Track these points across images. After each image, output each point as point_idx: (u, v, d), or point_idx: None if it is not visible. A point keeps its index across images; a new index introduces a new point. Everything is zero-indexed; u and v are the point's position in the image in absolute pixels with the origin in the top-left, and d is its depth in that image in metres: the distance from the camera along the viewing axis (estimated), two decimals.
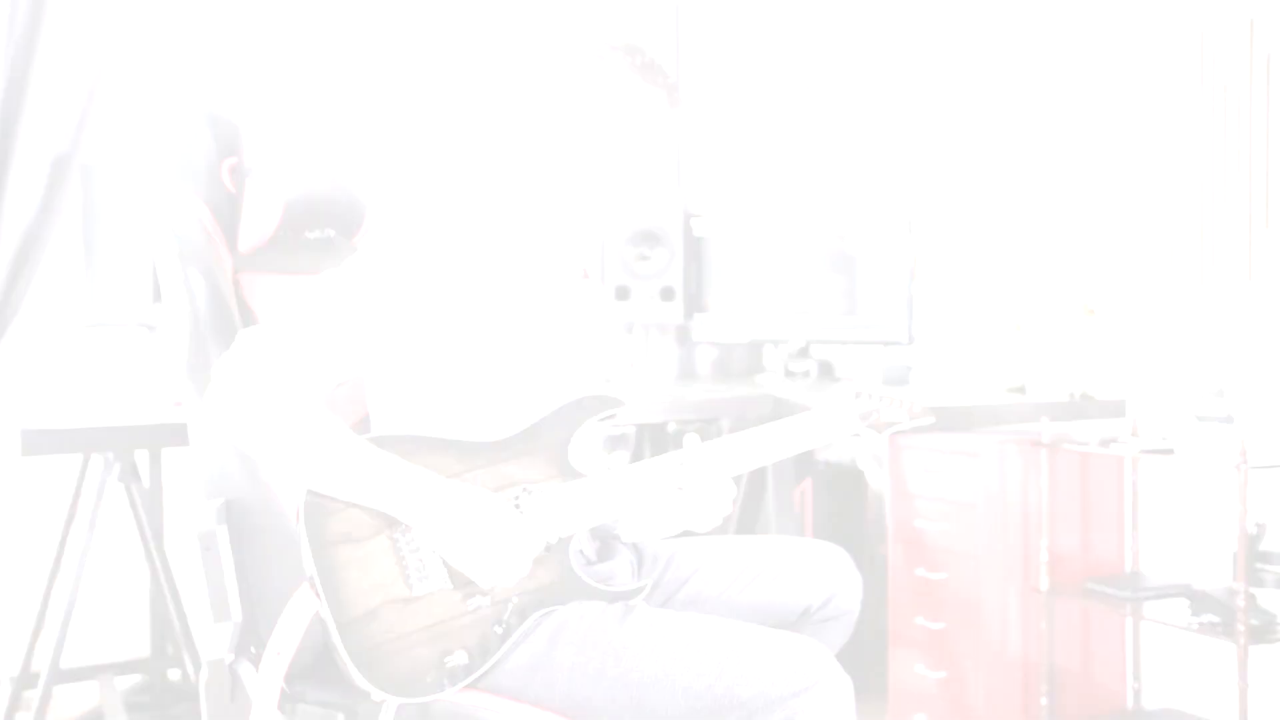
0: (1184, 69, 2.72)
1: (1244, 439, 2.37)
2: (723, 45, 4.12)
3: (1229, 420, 2.69)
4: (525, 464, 1.63)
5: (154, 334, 2.91)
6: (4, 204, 3.02)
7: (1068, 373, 2.89)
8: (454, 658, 1.51)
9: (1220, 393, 2.70)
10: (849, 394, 1.82)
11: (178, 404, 2.49)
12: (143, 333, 3.01)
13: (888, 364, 3.44)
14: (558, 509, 1.60)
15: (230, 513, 1.70)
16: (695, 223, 3.64)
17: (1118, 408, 2.90)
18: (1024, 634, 2.77)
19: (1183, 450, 2.51)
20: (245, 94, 3.33)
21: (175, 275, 1.73)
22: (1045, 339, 2.98)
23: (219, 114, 1.86)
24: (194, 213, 1.78)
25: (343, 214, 1.97)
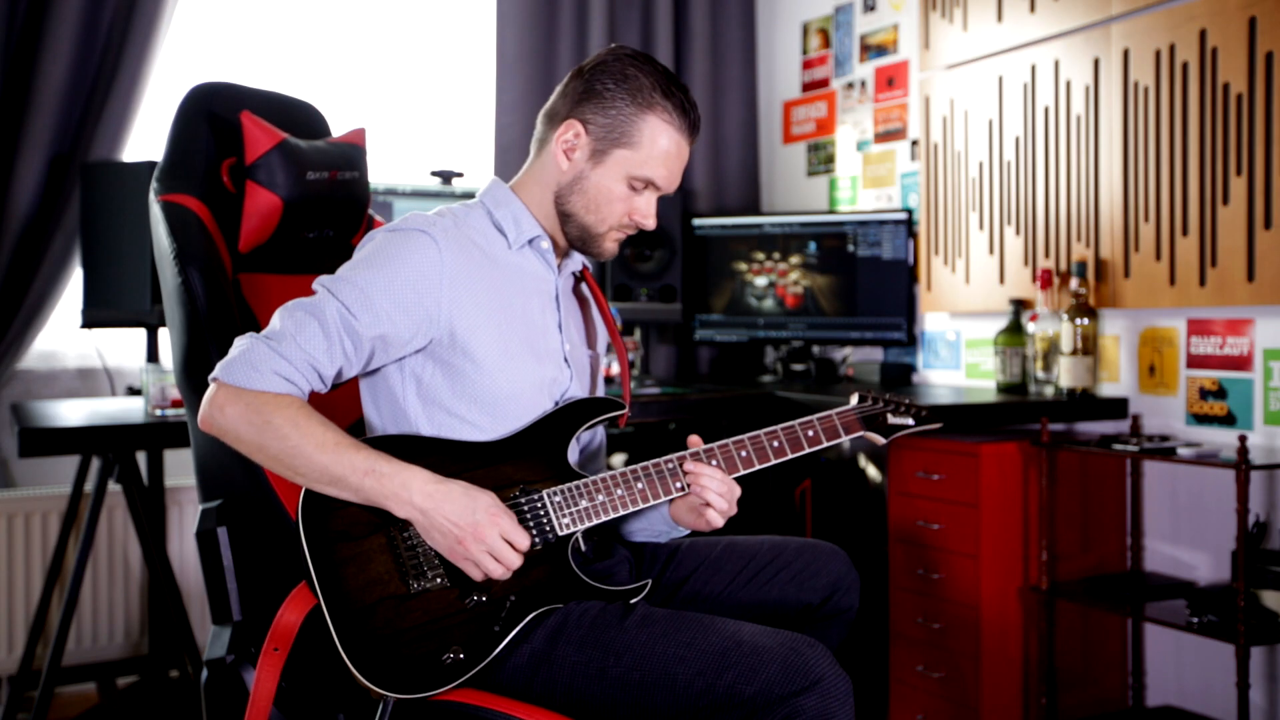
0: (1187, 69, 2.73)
1: (1244, 439, 2.37)
2: None
3: (1229, 420, 2.69)
4: (523, 464, 1.63)
5: (153, 334, 2.91)
6: (4, 204, 3.02)
7: (1068, 373, 2.89)
8: (452, 655, 1.52)
9: (1220, 392, 2.70)
10: (854, 398, 1.80)
11: (178, 404, 2.51)
12: (142, 333, 3.01)
13: (888, 364, 3.45)
14: (557, 509, 1.60)
15: (230, 513, 1.71)
16: (695, 223, 3.64)
17: (1118, 408, 2.90)
18: (1024, 634, 2.77)
19: (1183, 450, 2.51)
20: (245, 93, 3.33)
21: (175, 275, 1.73)
22: (1045, 339, 2.98)
23: (219, 114, 1.86)
24: (194, 213, 1.78)
25: (342, 214, 1.97)
